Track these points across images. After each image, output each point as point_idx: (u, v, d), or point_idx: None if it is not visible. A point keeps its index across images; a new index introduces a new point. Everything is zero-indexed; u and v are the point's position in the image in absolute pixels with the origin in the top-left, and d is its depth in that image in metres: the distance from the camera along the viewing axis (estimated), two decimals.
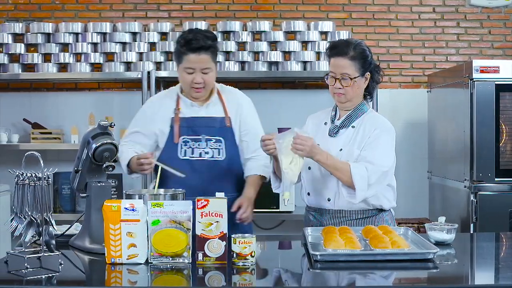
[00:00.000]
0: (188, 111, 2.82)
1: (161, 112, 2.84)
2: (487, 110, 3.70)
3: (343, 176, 2.48)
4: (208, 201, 2.06)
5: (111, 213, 2.06)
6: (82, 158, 2.37)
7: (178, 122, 2.80)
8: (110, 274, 2.03)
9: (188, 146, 2.80)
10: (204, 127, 2.80)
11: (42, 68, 4.22)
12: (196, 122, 2.80)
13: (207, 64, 2.73)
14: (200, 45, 2.70)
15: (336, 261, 2.08)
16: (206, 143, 2.79)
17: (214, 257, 2.06)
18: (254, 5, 4.56)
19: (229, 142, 2.82)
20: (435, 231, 2.40)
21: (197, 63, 2.71)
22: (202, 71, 2.73)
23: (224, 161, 2.80)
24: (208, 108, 2.83)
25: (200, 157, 2.78)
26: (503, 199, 3.70)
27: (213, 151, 2.80)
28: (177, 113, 2.81)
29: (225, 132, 2.82)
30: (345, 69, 2.56)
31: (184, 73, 2.75)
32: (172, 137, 2.80)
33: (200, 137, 2.79)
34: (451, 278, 2.06)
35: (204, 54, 2.71)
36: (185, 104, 2.83)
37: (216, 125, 2.81)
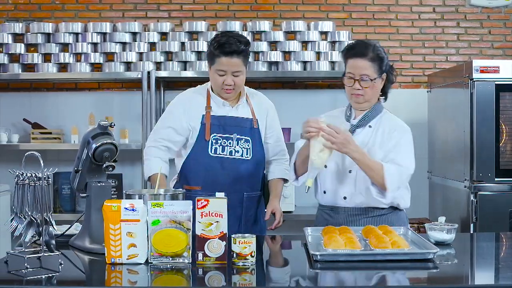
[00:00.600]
0: (219, 109, 2.87)
1: (192, 108, 2.86)
2: (487, 110, 3.70)
3: (376, 176, 2.51)
4: (208, 201, 2.06)
5: (111, 213, 2.06)
6: (82, 158, 2.37)
7: (209, 119, 2.83)
8: (110, 274, 2.03)
9: (219, 144, 2.84)
10: (235, 126, 2.86)
11: (42, 68, 4.22)
12: (228, 121, 2.86)
13: (239, 68, 2.77)
14: (233, 50, 2.74)
15: (336, 261, 2.08)
16: (237, 142, 2.85)
17: (214, 257, 2.06)
18: (254, 5, 4.57)
19: (256, 142, 2.90)
20: (435, 231, 2.40)
21: (229, 66, 2.76)
22: (233, 74, 2.78)
23: (251, 160, 2.87)
24: (238, 110, 2.89)
25: (230, 155, 2.84)
26: (503, 199, 3.70)
27: (242, 150, 2.86)
28: (208, 111, 2.85)
29: (253, 133, 2.89)
30: (365, 70, 2.58)
31: (216, 75, 2.79)
32: (203, 134, 2.83)
33: (232, 136, 2.85)
34: (451, 278, 2.06)
35: (236, 58, 2.76)
36: (215, 103, 2.87)
37: (247, 125, 2.88)
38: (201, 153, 2.83)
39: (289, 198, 4.16)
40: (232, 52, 2.74)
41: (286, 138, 4.31)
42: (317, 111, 4.49)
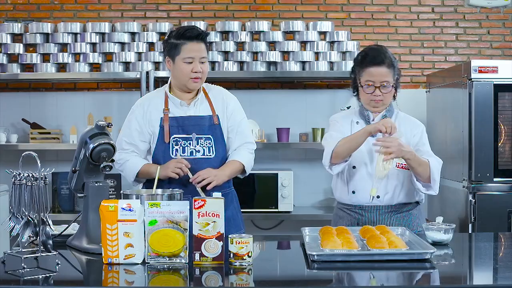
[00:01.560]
0: (177, 110, 2.85)
1: (150, 113, 2.85)
2: (485, 110, 3.70)
3: (424, 171, 2.65)
4: (205, 201, 2.06)
5: (108, 213, 2.06)
6: (79, 158, 2.37)
7: (168, 121, 2.82)
8: (107, 274, 2.03)
9: (179, 145, 2.82)
10: (194, 126, 2.83)
11: (41, 68, 4.22)
12: (186, 121, 2.83)
13: (204, 53, 2.79)
14: (198, 33, 2.77)
15: (333, 261, 2.08)
16: (197, 141, 2.82)
17: (211, 257, 2.06)
18: (252, 5, 4.57)
19: (218, 139, 2.86)
20: (432, 231, 2.40)
21: (197, 52, 2.75)
22: (200, 61, 2.77)
23: (214, 158, 2.84)
24: (196, 107, 2.86)
25: (191, 156, 2.81)
26: (502, 199, 3.70)
27: (203, 149, 2.83)
28: (166, 113, 2.84)
29: (214, 129, 2.85)
30: (386, 77, 2.74)
31: (183, 64, 2.77)
32: (162, 137, 2.82)
33: (191, 136, 2.82)
34: (448, 278, 2.06)
35: (202, 43, 2.78)
36: (173, 104, 2.85)
37: (206, 123, 2.84)
38: (163, 157, 2.81)
39: (288, 198, 4.16)
40: (198, 35, 2.76)
41: (284, 138, 4.32)
42: (315, 111, 4.53)
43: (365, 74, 2.74)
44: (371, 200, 2.67)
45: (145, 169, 2.83)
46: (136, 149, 2.88)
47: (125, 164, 2.86)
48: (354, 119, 2.85)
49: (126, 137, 2.88)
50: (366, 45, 4.49)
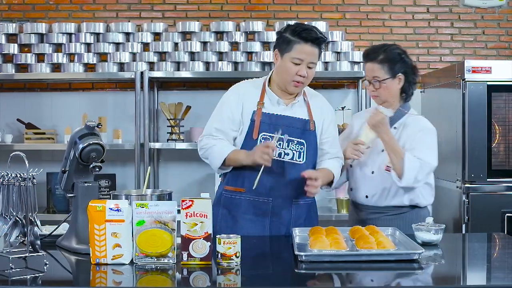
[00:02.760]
0: (272, 107, 2.68)
1: (245, 101, 2.69)
2: (479, 111, 3.70)
3: (396, 160, 2.67)
4: (193, 202, 2.06)
5: (96, 213, 2.06)
6: (69, 158, 2.37)
7: (260, 117, 2.65)
8: (95, 275, 2.03)
9: None
10: (287, 127, 2.66)
11: (36, 68, 4.22)
12: (280, 120, 2.66)
13: (315, 59, 2.63)
14: (316, 37, 2.61)
15: (321, 261, 2.08)
16: (288, 143, 2.66)
17: (198, 257, 2.06)
18: (247, 5, 4.57)
19: (311, 146, 2.70)
20: (422, 232, 2.40)
21: (308, 55, 2.60)
22: (308, 65, 2.62)
23: (303, 165, 2.67)
24: (293, 109, 2.70)
25: (279, 158, 2.64)
26: (495, 200, 3.70)
27: (293, 153, 2.67)
28: (259, 107, 2.67)
29: (308, 135, 2.70)
30: (375, 73, 2.78)
31: (290, 64, 2.61)
32: (251, 132, 2.65)
33: (282, 136, 2.64)
34: (436, 279, 2.06)
35: (317, 48, 2.62)
36: (270, 100, 2.69)
37: (300, 126, 2.69)
38: None
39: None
40: (316, 39, 2.60)
41: None
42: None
43: (365, 70, 2.88)
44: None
45: (234, 155, 2.62)
46: (225, 137, 2.68)
47: (211, 149, 2.66)
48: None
49: (217, 123, 2.70)
50: (361, 45, 4.55)
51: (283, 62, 2.65)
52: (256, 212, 2.67)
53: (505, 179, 3.73)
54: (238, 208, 2.69)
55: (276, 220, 2.67)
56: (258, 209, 2.67)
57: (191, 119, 4.35)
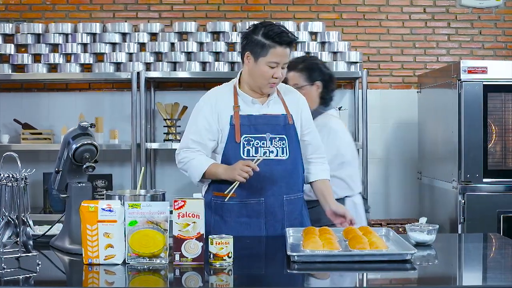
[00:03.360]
0: (248, 108, 2.69)
1: (219, 109, 2.68)
2: (475, 111, 3.70)
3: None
4: (185, 202, 2.06)
5: (88, 213, 2.06)
6: (62, 158, 2.37)
7: (239, 119, 2.66)
8: (88, 275, 2.03)
9: (251, 145, 2.65)
10: (268, 125, 2.67)
11: (32, 68, 4.23)
12: (259, 119, 2.68)
13: (288, 59, 2.66)
14: (291, 39, 2.62)
15: (313, 262, 2.08)
16: (271, 141, 2.66)
17: (191, 257, 2.06)
18: (244, 6, 4.57)
19: (292, 140, 2.71)
20: (415, 232, 2.39)
21: (283, 57, 2.61)
22: (282, 66, 2.64)
23: (288, 160, 2.68)
24: (269, 107, 2.71)
25: (264, 156, 2.64)
26: (491, 200, 3.70)
27: (277, 150, 2.68)
28: (236, 110, 2.67)
29: (288, 129, 2.71)
30: (295, 80, 3.08)
31: (266, 67, 2.60)
32: (233, 136, 2.65)
33: (265, 135, 2.66)
34: (428, 279, 2.06)
35: (289, 48, 2.64)
36: (244, 101, 2.70)
37: (280, 122, 2.70)
38: (233, 157, 2.63)
39: None
40: (289, 42, 2.61)
41: None
42: None
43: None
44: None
45: (211, 169, 2.63)
46: (203, 148, 2.68)
47: (190, 163, 2.67)
48: None
49: (193, 135, 2.69)
50: (358, 46, 4.56)
51: (257, 66, 2.62)
52: (249, 214, 2.66)
53: (501, 179, 3.73)
54: (231, 213, 2.68)
55: (271, 219, 2.67)
56: (251, 211, 2.66)
57: (188, 119, 4.32)
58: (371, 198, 4.34)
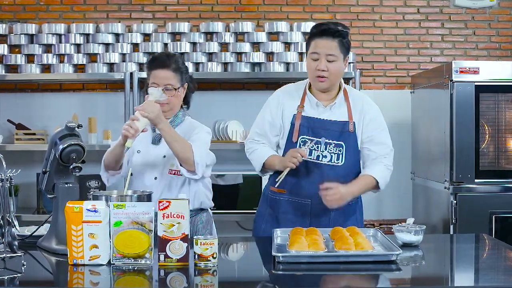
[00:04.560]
0: (311, 110, 2.74)
1: (286, 106, 2.76)
2: (467, 111, 3.69)
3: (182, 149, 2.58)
4: (170, 203, 2.06)
5: (73, 214, 2.06)
6: (49, 159, 2.38)
7: (300, 120, 2.72)
8: (73, 275, 2.04)
9: (306, 147, 2.69)
10: (325, 130, 2.71)
11: (26, 69, 4.23)
12: (317, 123, 2.72)
13: (332, 51, 2.64)
14: (327, 28, 2.66)
15: (298, 262, 2.08)
16: (325, 146, 2.70)
17: (176, 258, 2.06)
18: (238, 6, 4.56)
19: (350, 147, 2.72)
20: (402, 233, 2.39)
21: (323, 48, 2.64)
22: (327, 58, 2.65)
23: (342, 166, 2.70)
24: (332, 110, 2.74)
25: (317, 160, 2.69)
26: (483, 200, 3.69)
27: (331, 155, 2.70)
28: (299, 111, 2.73)
29: (347, 137, 2.72)
30: (169, 80, 2.73)
31: (310, 60, 2.68)
32: (291, 135, 2.72)
33: (320, 139, 2.70)
34: (413, 279, 2.07)
35: (331, 40, 2.65)
36: (309, 103, 2.75)
37: (338, 129, 2.71)
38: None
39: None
40: (324, 31, 2.65)
41: None
42: None
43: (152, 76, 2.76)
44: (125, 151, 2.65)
45: (270, 161, 2.73)
46: (267, 141, 2.80)
47: (253, 153, 2.80)
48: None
49: (258, 128, 2.82)
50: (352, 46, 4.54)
51: (307, 61, 2.73)
52: (295, 212, 2.75)
53: (494, 179, 3.73)
54: (280, 208, 2.78)
55: (315, 221, 2.70)
56: (298, 210, 2.74)
57: None
58: (364, 198, 4.31)
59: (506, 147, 3.85)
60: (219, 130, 4.25)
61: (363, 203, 4.10)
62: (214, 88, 4.53)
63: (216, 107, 4.49)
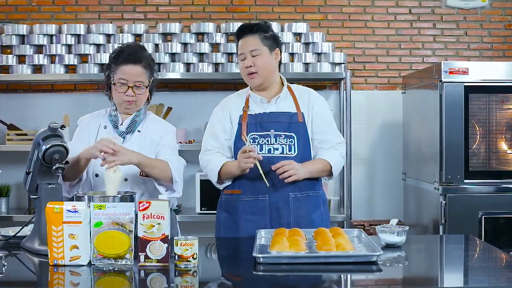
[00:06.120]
0: (257, 107, 2.77)
1: (231, 111, 2.79)
2: (456, 112, 3.69)
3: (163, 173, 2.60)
4: (150, 203, 2.06)
5: (54, 214, 2.07)
6: (33, 159, 2.38)
7: (246, 119, 2.74)
8: (53, 276, 2.03)
9: (257, 143, 2.71)
10: (273, 123, 2.72)
11: (17, 69, 4.23)
12: (264, 117, 2.74)
13: (255, 46, 2.70)
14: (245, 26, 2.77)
15: (279, 263, 2.08)
16: (275, 139, 2.71)
17: (156, 259, 2.06)
18: (229, 7, 4.57)
19: (301, 138, 2.73)
20: (385, 234, 2.39)
21: (245, 46, 2.72)
22: (252, 54, 2.71)
23: (296, 157, 2.69)
24: (278, 104, 2.77)
25: (269, 154, 2.69)
26: (472, 201, 3.69)
27: (282, 147, 2.71)
28: (245, 110, 2.76)
29: (297, 127, 2.73)
30: (140, 77, 2.65)
31: (240, 62, 2.77)
32: (239, 134, 2.73)
33: (269, 132, 2.71)
34: (393, 280, 2.06)
35: (252, 36, 2.72)
36: (254, 102, 2.78)
37: (286, 120, 2.73)
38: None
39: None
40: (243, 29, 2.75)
41: None
42: None
43: (119, 71, 2.64)
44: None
45: (226, 169, 2.71)
46: (221, 149, 2.78)
47: (207, 166, 2.77)
48: (103, 123, 2.76)
49: (210, 135, 2.82)
50: (343, 46, 4.55)
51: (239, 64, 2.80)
52: (254, 211, 2.71)
53: (483, 180, 3.73)
54: (237, 210, 2.74)
55: (275, 216, 2.70)
56: (256, 208, 2.71)
57: (173, 120, 4.34)
58: (355, 199, 4.34)
59: (497, 148, 3.85)
60: None
61: (352, 203, 4.15)
62: (205, 89, 4.53)
63: (207, 107, 4.48)
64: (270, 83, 2.79)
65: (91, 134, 2.72)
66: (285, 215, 2.70)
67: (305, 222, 2.67)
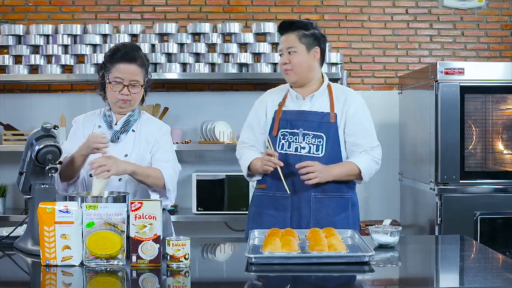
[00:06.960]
0: (292, 104, 2.80)
1: (267, 104, 2.85)
2: (452, 112, 3.69)
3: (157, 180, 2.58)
4: (142, 204, 2.06)
5: (46, 215, 2.06)
6: (26, 160, 2.38)
7: (279, 115, 2.78)
8: (45, 276, 2.03)
9: (286, 140, 2.74)
10: (302, 121, 2.74)
11: (13, 70, 4.23)
12: (295, 115, 2.76)
13: (292, 43, 2.75)
14: (284, 23, 2.82)
15: (271, 264, 2.08)
16: (303, 137, 2.73)
17: (148, 259, 2.06)
18: (226, 7, 4.57)
19: (331, 138, 2.72)
20: (378, 234, 2.39)
21: (283, 42, 2.79)
22: (288, 51, 2.76)
23: (323, 158, 2.70)
24: (312, 102, 2.78)
25: (296, 152, 2.72)
26: (468, 201, 3.69)
27: (309, 147, 2.72)
28: (280, 106, 2.80)
29: (328, 128, 2.73)
30: (136, 76, 2.62)
31: (280, 58, 2.83)
32: (272, 130, 2.79)
33: (297, 131, 2.74)
34: (385, 281, 2.06)
35: (290, 34, 2.76)
36: (291, 97, 2.82)
37: (317, 119, 2.74)
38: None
39: None
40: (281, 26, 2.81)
41: None
42: None
43: (115, 70, 2.61)
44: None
45: (253, 164, 2.78)
46: (256, 143, 2.86)
47: (240, 159, 2.87)
48: (97, 123, 2.74)
49: (247, 126, 2.90)
50: (340, 47, 4.55)
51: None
52: (276, 207, 2.77)
53: (479, 180, 3.73)
54: (263, 205, 2.82)
55: (296, 214, 2.73)
56: (278, 205, 2.76)
57: (169, 120, 4.35)
58: None
59: (493, 148, 3.85)
60: (206, 131, 4.25)
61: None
62: (202, 89, 4.53)
63: (203, 107, 4.49)
64: (307, 81, 2.81)
65: (86, 134, 2.71)
66: (306, 215, 2.72)
67: (326, 224, 2.55)
